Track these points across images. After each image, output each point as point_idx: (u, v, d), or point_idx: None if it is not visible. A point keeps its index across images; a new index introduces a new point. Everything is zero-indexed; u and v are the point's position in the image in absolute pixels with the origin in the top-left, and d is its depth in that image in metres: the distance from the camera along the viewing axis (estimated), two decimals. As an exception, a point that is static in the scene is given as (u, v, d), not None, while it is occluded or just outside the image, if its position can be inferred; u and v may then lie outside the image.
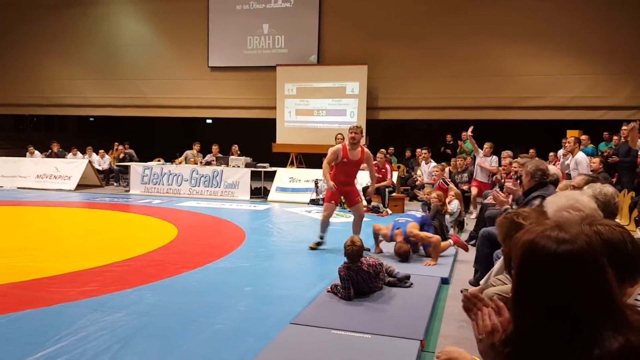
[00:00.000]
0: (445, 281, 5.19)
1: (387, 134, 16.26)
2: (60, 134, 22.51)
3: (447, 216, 7.10)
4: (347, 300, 4.31)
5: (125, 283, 4.86)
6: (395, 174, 11.14)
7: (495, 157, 9.87)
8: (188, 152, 13.03)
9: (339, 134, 10.63)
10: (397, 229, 5.96)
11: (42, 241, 6.77)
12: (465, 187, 9.74)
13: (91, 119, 21.97)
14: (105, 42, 16.97)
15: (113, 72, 16.86)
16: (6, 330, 3.66)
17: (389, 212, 9.73)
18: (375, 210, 9.77)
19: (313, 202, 10.86)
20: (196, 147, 13.09)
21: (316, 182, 11.03)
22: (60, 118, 22.86)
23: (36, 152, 14.87)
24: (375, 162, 10.13)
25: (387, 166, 10.45)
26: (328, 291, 4.53)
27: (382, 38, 14.44)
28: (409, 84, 14.31)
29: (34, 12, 17.40)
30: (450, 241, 6.16)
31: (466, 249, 6.16)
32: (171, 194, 11.92)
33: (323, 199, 10.83)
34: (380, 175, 9.94)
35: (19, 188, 12.67)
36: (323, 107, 14.61)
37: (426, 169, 10.85)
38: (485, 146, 9.92)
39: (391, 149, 11.81)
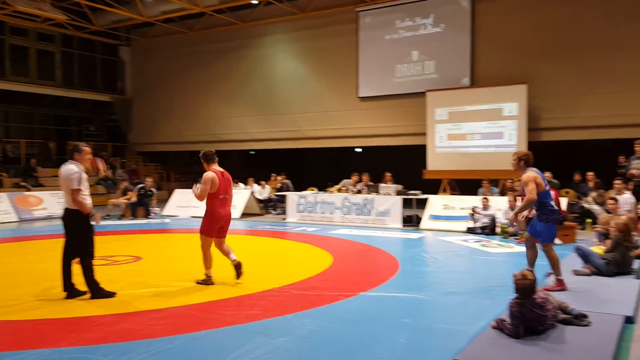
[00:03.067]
0: (629, 320, 4.56)
1: (550, 156, 15.00)
2: (224, 167, 24.63)
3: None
4: (516, 338, 3.96)
5: (286, 308, 5.02)
6: (564, 201, 10.18)
7: None
8: (346, 181, 13.41)
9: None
10: None
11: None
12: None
13: (252, 152, 23.69)
14: (263, 80, 18.35)
15: (271, 108, 18.12)
16: (187, 348, 3.99)
17: (559, 242, 8.82)
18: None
19: (470, 230, 10.35)
20: (354, 177, 13.38)
21: (473, 210, 10.52)
22: (225, 152, 25.02)
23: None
24: None
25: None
26: (493, 327, 4.21)
27: (541, 54, 13.54)
28: (577, 102, 13.15)
29: (202, 58, 19.53)
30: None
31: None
32: (324, 222, 12.26)
33: (481, 228, 10.28)
34: None
35: (192, 217, 13.97)
36: (477, 131, 14.01)
37: (620, 200, 9.57)
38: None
39: (548, 173, 10.81)
